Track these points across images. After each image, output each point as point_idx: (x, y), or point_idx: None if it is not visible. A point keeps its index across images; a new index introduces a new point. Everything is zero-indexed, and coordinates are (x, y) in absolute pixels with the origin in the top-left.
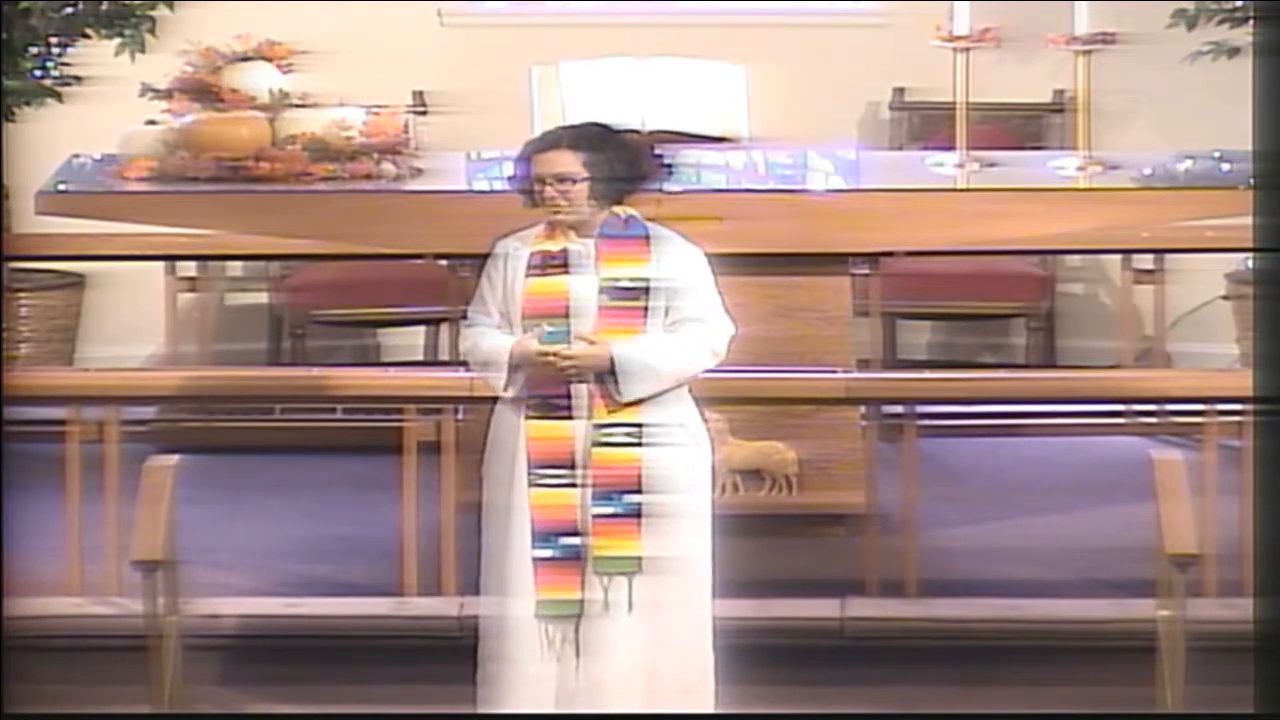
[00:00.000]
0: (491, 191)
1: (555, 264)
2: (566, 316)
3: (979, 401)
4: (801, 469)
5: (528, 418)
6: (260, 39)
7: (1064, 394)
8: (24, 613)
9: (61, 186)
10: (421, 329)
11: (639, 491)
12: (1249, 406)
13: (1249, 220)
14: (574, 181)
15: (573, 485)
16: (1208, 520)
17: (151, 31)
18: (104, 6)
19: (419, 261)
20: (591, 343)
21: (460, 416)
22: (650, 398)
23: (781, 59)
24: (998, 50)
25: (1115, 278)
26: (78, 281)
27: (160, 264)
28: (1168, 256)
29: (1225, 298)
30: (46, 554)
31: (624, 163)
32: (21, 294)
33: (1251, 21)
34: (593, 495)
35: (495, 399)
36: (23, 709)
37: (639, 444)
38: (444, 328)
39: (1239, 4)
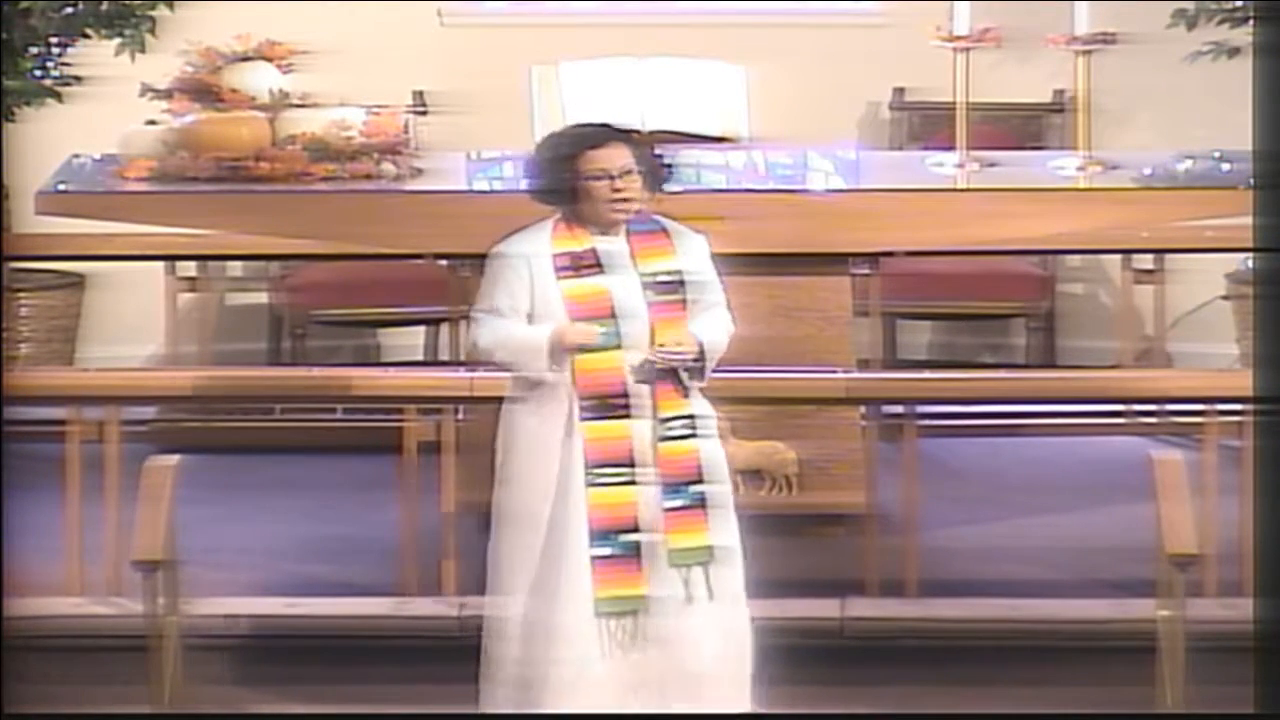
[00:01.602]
0: (491, 191)
1: (587, 264)
2: (613, 317)
3: (979, 401)
4: (801, 469)
5: (584, 419)
6: (260, 39)
7: (1064, 394)
8: (24, 613)
9: (61, 186)
10: (421, 329)
11: (701, 481)
12: (1249, 406)
13: (1249, 220)
14: (638, 174)
15: (631, 483)
16: (1208, 520)
17: (151, 31)
18: (104, 6)
19: (419, 261)
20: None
21: (460, 416)
22: (692, 389)
23: (781, 59)
24: (998, 50)
25: (1115, 278)
26: (78, 281)
27: (160, 264)
28: (1168, 256)
29: (1225, 298)
30: (46, 554)
31: (656, 157)
32: (21, 294)
33: (1251, 21)
34: (663, 489)
35: (500, 400)
36: (23, 709)
37: (695, 435)
38: (444, 328)
39: (1239, 4)
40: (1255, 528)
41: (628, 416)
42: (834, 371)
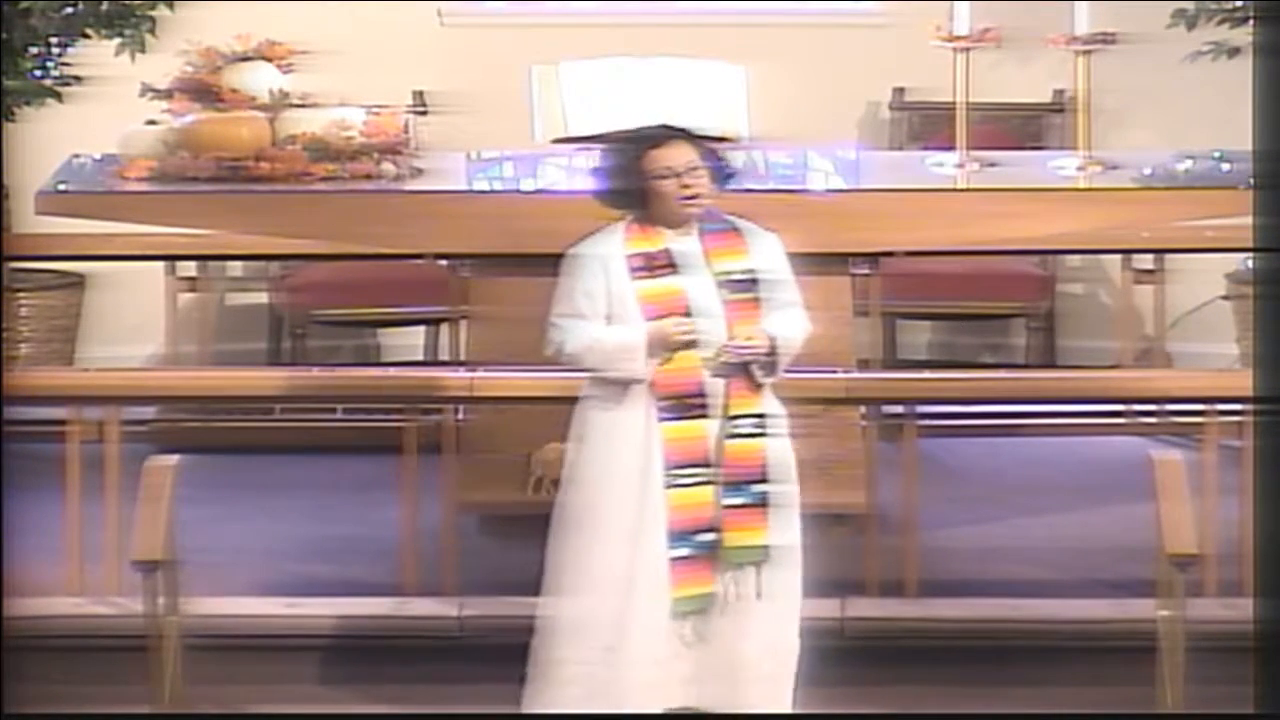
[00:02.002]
0: (491, 191)
1: (660, 264)
2: (688, 316)
3: (979, 401)
4: (801, 469)
5: (662, 420)
6: (260, 39)
7: (1064, 394)
8: (24, 613)
9: (61, 186)
10: (421, 329)
11: (764, 481)
12: (1249, 406)
13: (1249, 220)
14: (703, 170)
15: (708, 483)
16: (1208, 520)
17: (151, 31)
18: (104, 6)
19: (419, 261)
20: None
21: (460, 416)
22: (765, 387)
23: (781, 59)
24: (998, 50)
25: (1115, 278)
26: (78, 281)
27: (160, 264)
28: (1168, 256)
29: (1225, 298)
30: (46, 554)
31: (718, 155)
32: (21, 294)
33: (1251, 21)
34: (725, 487)
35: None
36: (23, 709)
37: (762, 434)
38: (444, 328)
39: (1239, 4)
40: (1255, 528)
41: (704, 416)
42: (834, 371)
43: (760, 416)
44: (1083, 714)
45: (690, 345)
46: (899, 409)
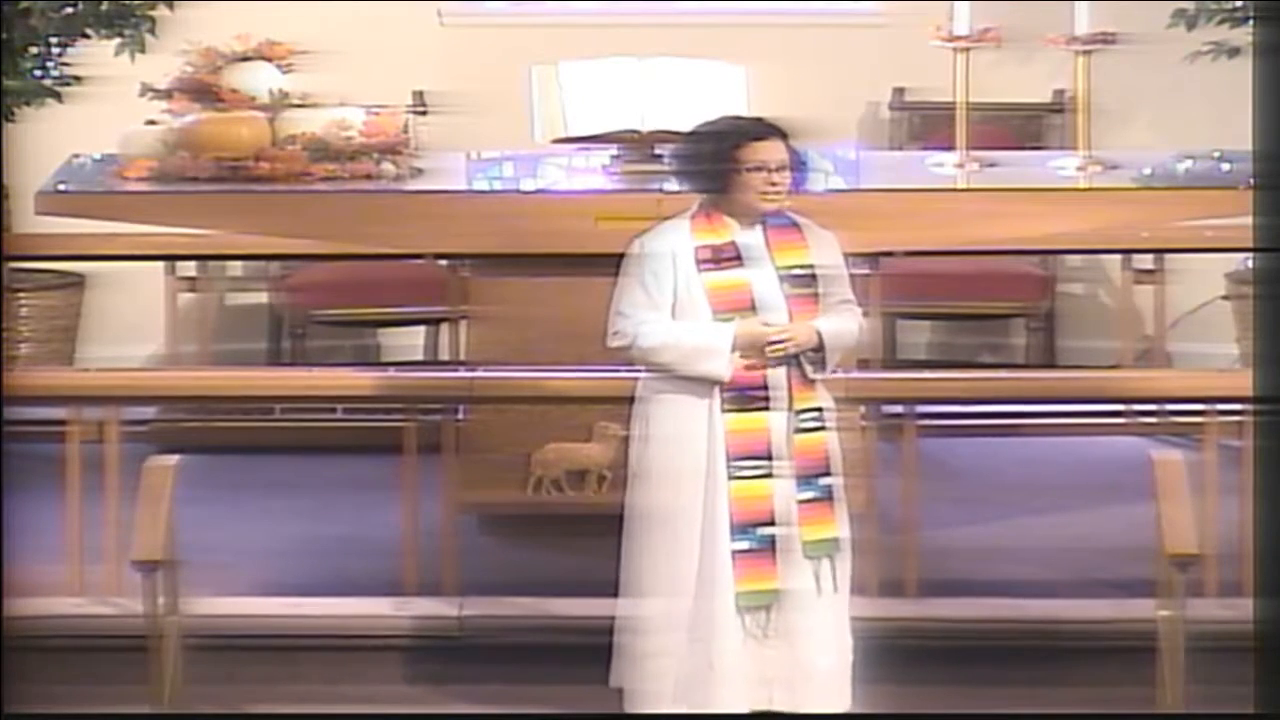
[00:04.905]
0: (491, 191)
1: (727, 257)
2: (753, 309)
3: (979, 401)
4: None
5: (725, 411)
6: (260, 39)
7: (1064, 394)
8: (24, 613)
9: (61, 186)
10: (421, 329)
11: (829, 474)
12: (1249, 406)
13: (1249, 220)
14: (790, 170)
15: (769, 475)
16: (1208, 520)
17: (151, 31)
18: (104, 6)
19: (419, 261)
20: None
21: (460, 416)
22: (821, 382)
23: (781, 59)
24: (998, 50)
25: (1115, 278)
26: (78, 281)
27: (160, 264)
28: (1168, 256)
29: (1225, 298)
30: (46, 554)
31: (801, 159)
32: (21, 294)
33: (1251, 21)
34: (796, 482)
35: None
36: (23, 709)
37: (824, 428)
38: (444, 328)
39: (1239, 4)
40: (1255, 528)
41: (767, 409)
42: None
43: (820, 410)
44: (1083, 714)
45: (780, 345)
46: (899, 409)
